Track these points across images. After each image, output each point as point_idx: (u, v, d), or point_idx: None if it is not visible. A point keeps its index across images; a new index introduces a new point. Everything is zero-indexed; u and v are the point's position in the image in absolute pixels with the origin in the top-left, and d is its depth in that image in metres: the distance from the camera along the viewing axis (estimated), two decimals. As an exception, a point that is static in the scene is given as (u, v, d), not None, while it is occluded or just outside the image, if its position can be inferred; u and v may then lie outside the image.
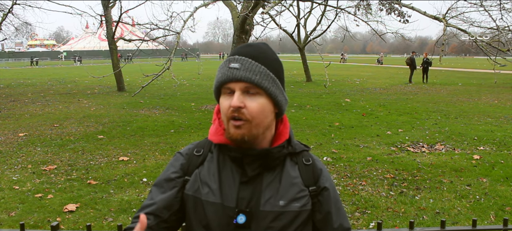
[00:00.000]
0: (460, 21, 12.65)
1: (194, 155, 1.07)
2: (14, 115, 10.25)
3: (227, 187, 1.00)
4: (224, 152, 1.04)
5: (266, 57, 1.00)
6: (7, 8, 16.42)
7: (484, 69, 32.30)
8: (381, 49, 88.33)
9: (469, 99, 13.25)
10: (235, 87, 0.96)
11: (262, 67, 0.98)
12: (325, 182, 1.07)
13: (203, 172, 1.04)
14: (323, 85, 16.29)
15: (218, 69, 1.02)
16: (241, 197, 0.99)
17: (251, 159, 1.00)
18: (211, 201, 0.99)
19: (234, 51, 1.02)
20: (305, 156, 1.10)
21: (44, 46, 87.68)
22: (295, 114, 10.10)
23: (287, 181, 1.02)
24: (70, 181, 5.05)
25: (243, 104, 0.95)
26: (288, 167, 1.05)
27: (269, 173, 1.02)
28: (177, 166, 1.07)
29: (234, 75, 0.96)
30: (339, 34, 25.51)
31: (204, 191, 1.01)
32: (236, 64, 0.97)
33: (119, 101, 12.88)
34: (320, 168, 1.10)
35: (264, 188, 1.00)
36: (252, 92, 0.97)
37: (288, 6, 13.32)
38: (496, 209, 4.08)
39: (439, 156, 6.13)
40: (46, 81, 22.31)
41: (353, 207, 4.15)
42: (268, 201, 0.99)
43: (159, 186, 1.06)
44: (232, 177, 1.01)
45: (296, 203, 1.01)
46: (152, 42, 12.86)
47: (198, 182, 1.02)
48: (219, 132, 1.05)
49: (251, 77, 0.96)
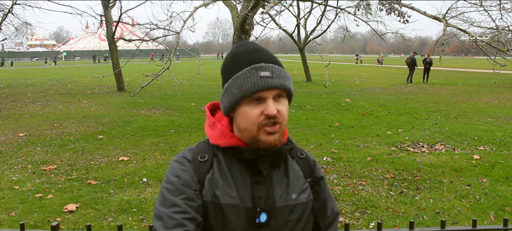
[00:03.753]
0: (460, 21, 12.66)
1: (200, 161, 1.05)
2: (14, 115, 10.25)
3: (241, 189, 1.01)
4: (231, 154, 1.04)
5: (278, 60, 1.04)
6: (7, 8, 16.40)
7: (484, 69, 32.30)
8: (381, 49, 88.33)
9: (469, 99, 13.25)
10: (268, 95, 0.98)
11: (286, 71, 1.03)
12: (320, 172, 1.15)
13: (215, 176, 1.02)
14: (323, 85, 16.29)
15: (240, 78, 0.98)
16: (257, 196, 1.01)
17: (264, 159, 1.02)
18: (232, 204, 1.00)
19: (255, 58, 0.99)
20: (298, 150, 1.15)
21: (44, 46, 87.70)
22: (295, 114, 10.09)
23: (294, 175, 1.07)
24: (70, 181, 5.05)
25: (277, 110, 0.98)
26: (290, 163, 1.10)
27: (275, 170, 1.06)
28: (191, 172, 1.02)
29: (269, 84, 0.97)
30: (339, 34, 25.51)
31: (220, 195, 1.00)
32: (267, 72, 0.98)
33: (119, 101, 12.88)
34: (312, 160, 1.16)
35: (275, 184, 1.04)
36: (279, 96, 1.00)
37: (288, 6, 13.33)
38: (496, 209, 4.08)
39: (439, 156, 6.13)
40: (46, 81, 22.31)
41: (353, 207, 4.15)
42: (281, 197, 1.03)
43: (178, 192, 0.99)
44: (242, 178, 1.02)
45: (303, 194, 1.07)
46: (152, 42, 12.85)
47: (213, 187, 1.01)
48: (226, 135, 1.04)
49: (284, 84, 0.99)
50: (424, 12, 9.56)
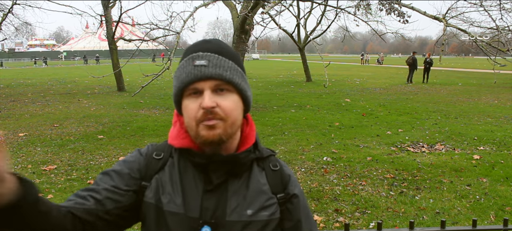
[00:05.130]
0: (460, 21, 12.67)
1: (154, 158, 0.97)
2: (14, 115, 10.25)
3: (190, 196, 0.92)
4: (186, 157, 0.95)
5: (229, 51, 0.93)
6: (7, 8, 16.42)
7: (484, 69, 32.30)
8: (381, 49, 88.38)
9: (469, 99, 13.26)
10: (204, 87, 0.87)
11: (230, 62, 0.91)
12: (294, 188, 1.00)
13: (164, 179, 0.94)
14: (323, 85, 16.29)
15: (179, 69, 0.91)
16: (205, 207, 0.91)
17: (216, 166, 0.92)
18: (174, 211, 0.91)
19: (194, 48, 0.92)
20: (272, 161, 1.01)
21: (44, 46, 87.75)
22: (295, 114, 10.10)
23: (255, 189, 0.95)
24: (70, 181, 5.05)
25: (215, 103, 0.87)
26: (256, 173, 0.97)
27: (235, 180, 0.94)
28: (134, 166, 0.96)
29: (203, 73, 0.87)
30: (339, 34, 25.51)
31: (165, 200, 0.92)
32: (202, 61, 0.88)
33: (119, 101, 12.88)
34: (288, 173, 1.02)
35: (230, 196, 0.93)
36: (222, 89, 0.89)
37: (288, 6, 13.33)
38: (496, 209, 4.08)
39: (439, 156, 6.13)
40: (46, 81, 22.31)
41: (353, 207, 4.15)
42: (234, 210, 0.92)
43: (107, 176, 0.94)
44: (194, 184, 0.93)
45: (264, 211, 0.94)
46: (152, 42, 12.85)
47: (159, 190, 0.93)
48: (181, 135, 0.96)
49: (222, 74, 0.88)
50: (424, 12, 9.56)
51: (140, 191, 0.94)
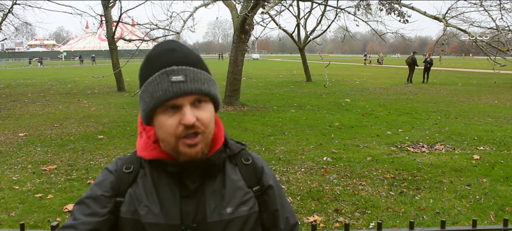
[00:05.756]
0: (460, 21, 12.70)
1: (124, 172, 0.96)
2: (14, 115, 10.25)
3: (168, 204, 0.92)
4: (158, 167, 0.94)
5: (199, 60, 0.92)
6: (7, 8, 16.43)
7: (484, 69, 32.31)
8: (381, 49, 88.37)
9: (469, 99, 13.25)
10: (183, 102, 0.86)
11: (205, 73, 0.91)
12: (268, 179, 1.03)
13: (138, 191, 0.94)
14: (323, 85, 16.29)
15: (151, 85, 0.88)
16: (185, 211, 0.91)
17: (190, 172, 0.92)
18: (153, 222, 0.90)
19: (166, 61, 0.88)
20: (244, 155, 1.03)
21: (44, 46, 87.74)
22: (295, 114, 10.10)
23: (231, 186, 0.96)
24: (70, 181, 5.05)
25: (195, 118, 0.86)
26: (229, 171, 0.98)
27: (210, 181, 0.95)
28: (107, 185, 0.95)
29: (182, 90, 0.85)
30: (339, 34, 25.55)
31: (143, 212, 0.91)
32: (179, 76, 0.86)
33: (119, 101, 12.88)
34: (261, 166, 1.03)
35: (208, 198, 0.93)
36: (200, 101, 0.89)
37: (288, 6, 13.34)
38: (496, 209, 4.08)
39: (439, 156, 6.13)
40: (46, 81, 22.31)
41: (353, 207, 4.15)
42: (214, 211, 0.93)
43: (83, 205, 0.94)
44: (171, 192, 0.92)
45: (243, 207, 0.96)
46: (152, 42, 12.86)
47: (134, 203, 0.92)
48: (149, 147, 0.94)
49: (201, 88, 0.87)
50: (424, 12, 9.57)
51: (115, 208, 0.94)
